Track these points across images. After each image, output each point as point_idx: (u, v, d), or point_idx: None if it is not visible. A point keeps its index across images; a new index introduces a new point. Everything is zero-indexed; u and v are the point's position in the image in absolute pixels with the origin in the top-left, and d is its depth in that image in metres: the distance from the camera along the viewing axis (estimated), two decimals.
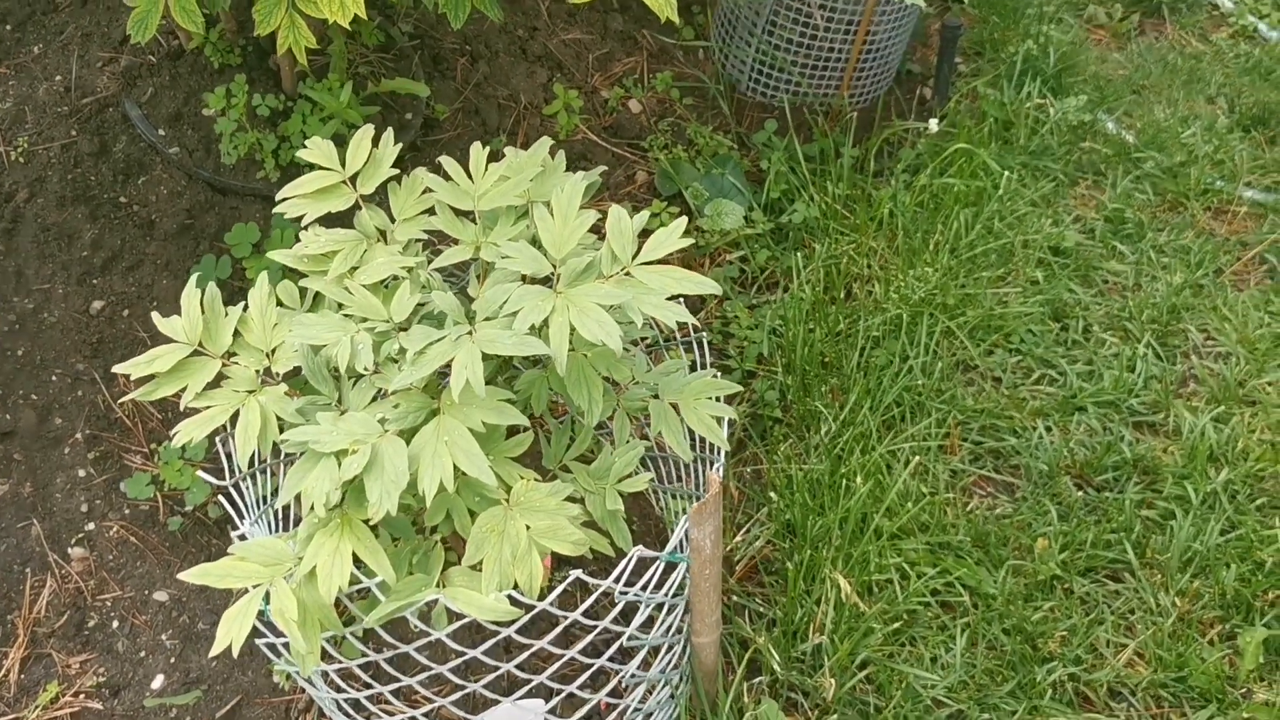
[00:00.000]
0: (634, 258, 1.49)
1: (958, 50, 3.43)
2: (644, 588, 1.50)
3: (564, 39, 3.00)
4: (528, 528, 1.43)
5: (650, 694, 1.77)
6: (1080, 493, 2.27)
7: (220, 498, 1.62)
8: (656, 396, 1.64)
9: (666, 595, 1.57)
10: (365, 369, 1.47)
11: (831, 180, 2.76)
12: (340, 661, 1.50)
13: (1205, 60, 3.56)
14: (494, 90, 2.78)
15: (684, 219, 1.53)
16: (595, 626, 1.49)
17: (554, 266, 1.50)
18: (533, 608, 1.39)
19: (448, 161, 1.65)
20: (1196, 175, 3.04)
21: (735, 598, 2.04)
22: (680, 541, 1.54)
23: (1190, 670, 1.99)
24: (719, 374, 1.73)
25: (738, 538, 2.13)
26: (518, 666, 1.63)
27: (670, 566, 1.61)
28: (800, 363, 2.37)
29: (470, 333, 1.43)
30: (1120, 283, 2.74)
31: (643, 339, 1.93)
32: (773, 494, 2.16)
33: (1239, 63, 3.55)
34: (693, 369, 1.84)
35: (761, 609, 2.02)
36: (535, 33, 2.98)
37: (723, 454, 1.65)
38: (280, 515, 1.76)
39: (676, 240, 1.51)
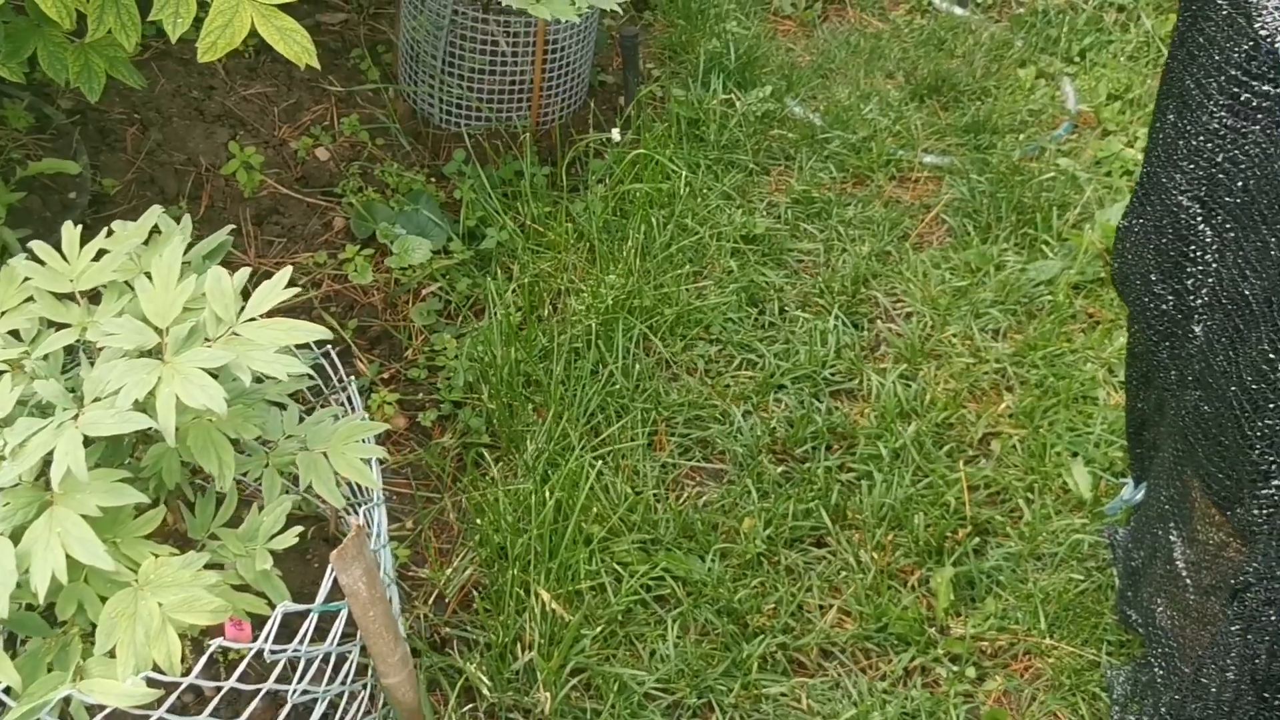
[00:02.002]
0: (241, 316, 1.49)
1: (647, 57, 3.53)
2: (301, 642, 1.49)
3: (245, 95, 2.96)
4: (160, 605, 1.41)
5: None
6: (781, 468, 2.37)
7: None
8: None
9: (333, 645, 1.57)
10: None
11: (524, 201, 2.80)
12: None
13: (885, 38, 3.77)
14: (169, 156, 2.72)
15: (289, 269, 1.54)
16: (278, 690, 1.48)
17: (161, 336, 1.49)
18: (178, 685, 1.37)
19: (38, 245, 1.61)
20: (878, 148, 3.21)
21: (449, 629, 2.06)
22: (337, 589, 1.54)
23: (889, 619, 2.10)
24: (366, 416, 1.74)
25: (448, 569, 2.14)
26: None
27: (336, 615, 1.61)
28: (503, 386, 2.40)
29: (76, 417, 1.40)
30: (812, 261, 2.87)
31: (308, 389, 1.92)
32: (479, 520, 2.18)
33: (915, 36, 3.76)
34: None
35: (475, 636, 2.04)
36: (212, 92, 2.93)
37: (376, 494, 1.66)
38: None
39: (280, 293, 1.51)
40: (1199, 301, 1.41)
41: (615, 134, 3.00)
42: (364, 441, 1.65)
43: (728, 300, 2.69)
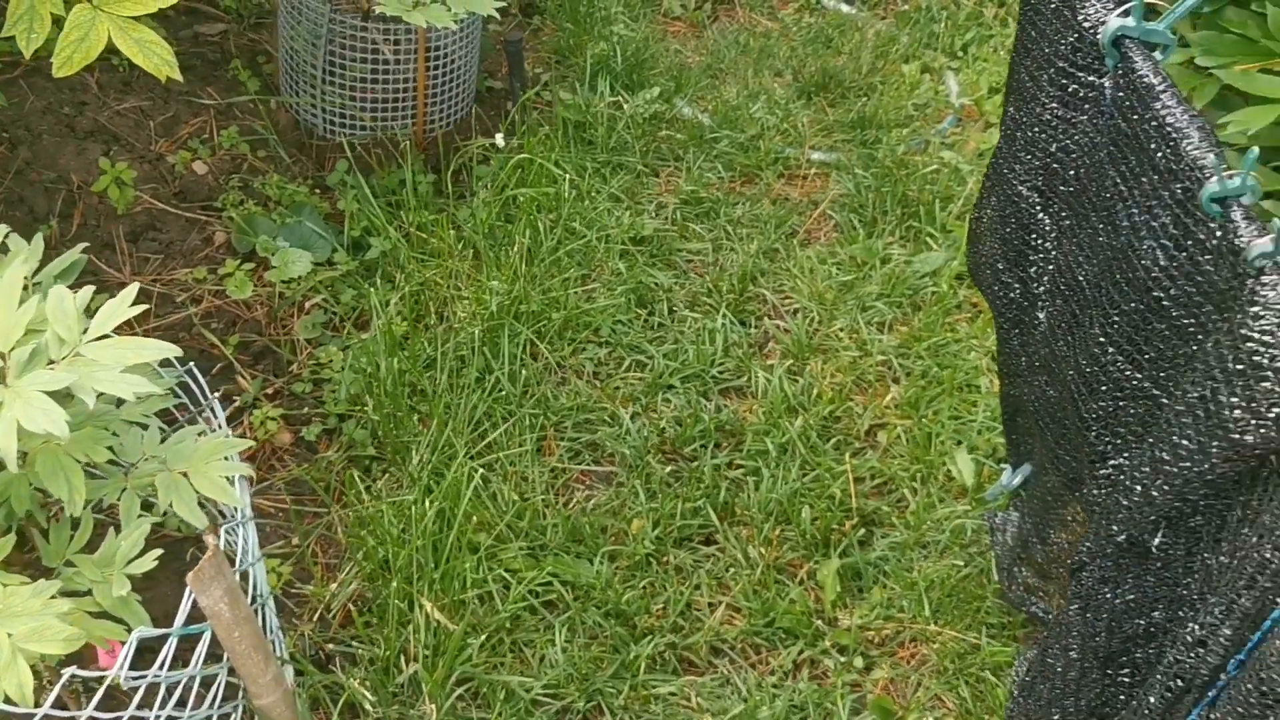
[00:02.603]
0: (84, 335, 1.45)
1: (536, 61, 3.53)
2: (161, 667, 1.46)
3: (118, 109, 2.90)
4: (9, 635, 1.37)
5: None
6: (669, 467, 2.37)
7: None
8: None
9: (196, 669, 1.54)
10: None
11: (408, 209, 2.78)
12: None
13: (774, 37, 3.80)
14: (39, 174, 2.65)
15: (134, 286, 1.50)
16: (139, 718, 1.45)
17: (2, 360, 1.45)
18: (31, 716, 1.34)
19: None
20: (766, 146, 3.24)
21: (332, 645, 2.03)
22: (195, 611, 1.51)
23: (777, 613, 2.12)
24: (230, 433, 1.71)
25: (332, 585, 2.11)
26: None
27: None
28: (387, 397, 2.38)
29: None
30: (701, 260, 2.88)
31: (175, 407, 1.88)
32: (364, 533, 2.16)
33: (804, 34, 3.80)
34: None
35: (360, 651, 2.01)
36: (84, 107, 2.86)
37: (241, 513, 1.63)
38: None
39: (126, 310, 1.48)
40: (1041, 289, 1.44)
41: (499, 139, 2.99)
42: (228, 459, 1.62)
43: (617, 302, 2.69)
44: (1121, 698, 1.25)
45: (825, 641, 2.11)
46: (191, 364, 1.78)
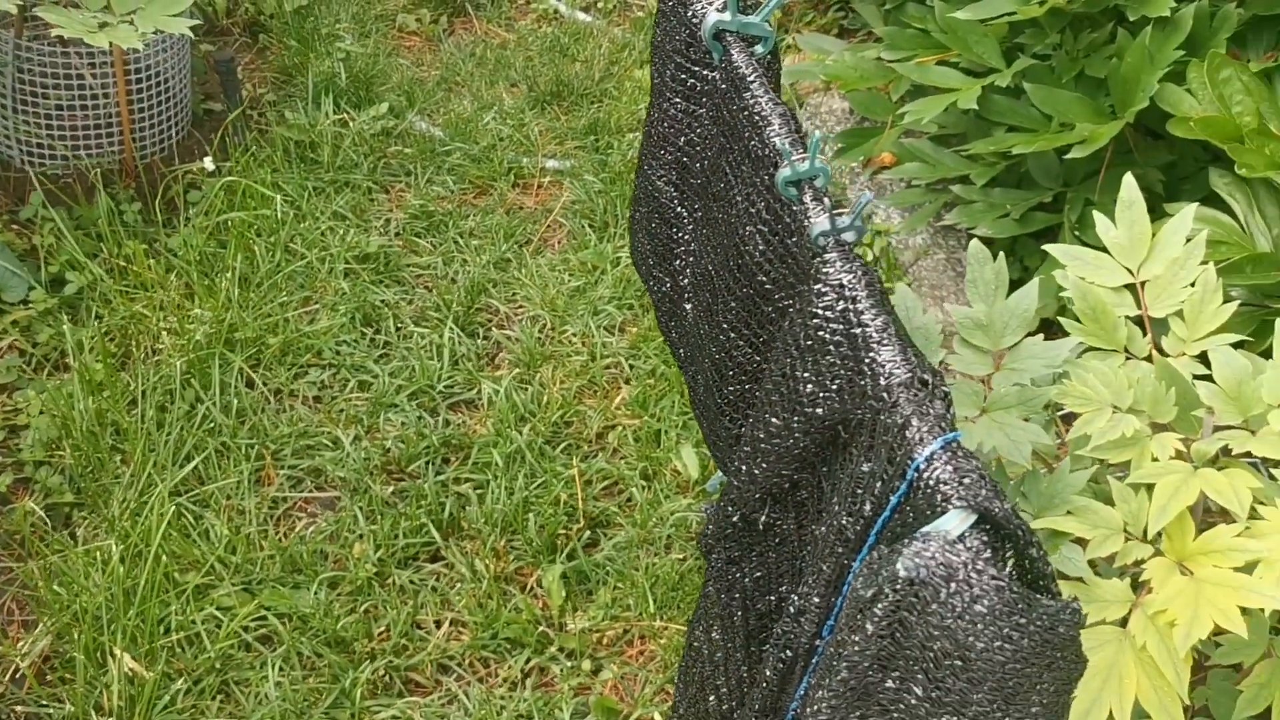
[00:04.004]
0: None
1: (261, 81, 3.42)
2: None
3: None
4: None
5: None
6: (393, 487, 2.33)
7: None
8: None
9: None
10: None
11: (108, 242, 2.65)
12: None
13: (510, 47, 3.80)
14: None
15: None
16: None
17: None
18: None
19: None
20: (499, 157, 3.23)
21: (22, 706, 1.90)
22: None
23: (501, 624, 2.10)
24: None
25: (21, 645, 1.98)
26: None
27: None
28: (85, 439, 2.26)
29: None
30: (431, 275, 2.85)
31: None
32: (57, 587, 2.03)
33: (540, 44, 3.82)
34: None
35: (51, 710, 1.89)
36: None
37: None
38: None
39: None
40: (685, 281, 1.47)
41: (208, 163, 2.88)
42: None
43: (340, 322, 2.63)
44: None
45: (553, 648, 2.11)
46: None
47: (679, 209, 1.46)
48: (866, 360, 0.99)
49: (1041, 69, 2.39)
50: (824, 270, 1.05)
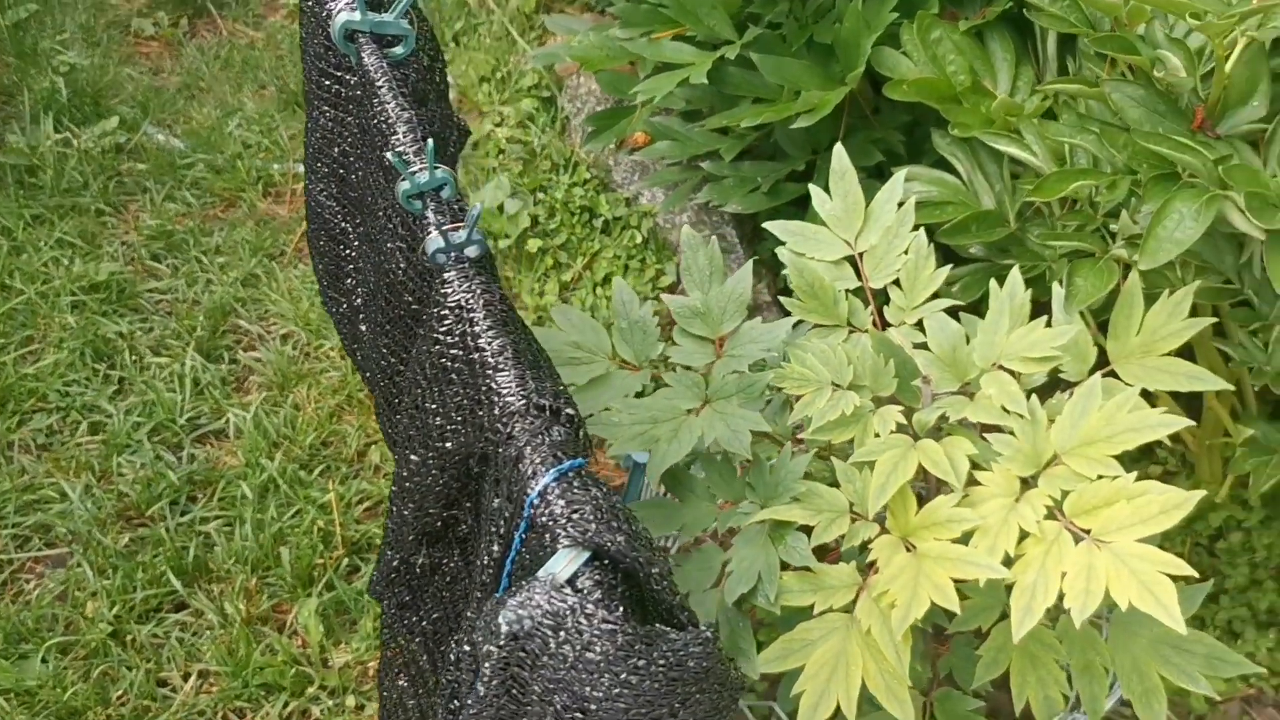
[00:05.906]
0: None
1: None
2: None
3: None
4: None
5: None
6: (129, 535, 2.17)
7: None
8: None
9: None
10: None
11: None
12: None
13: (259, 47, 3.60)
14: None
15: None
16: None
17: None
18: None
19: None
20: (246, 166, 3.05)
21: None
22: None
23: (252, 670, 1.97)
24: None
25: None
26: None
27: None
28: None
29: None
30: (171, 300, 2.67)
31: None
32: None
33: (291, 40, 3.62)
34: None
35: None
36: None
37: None
38: None
39: None
40: (359, 301, 1.37)
41: None
42: None
43: (68, 360, 2.43)
44: None
45: (313, 688, 1.99)
46: None
47: (344, 224, 1.36)
48: (484, 388, 0.91)
49: (773, 38, 2.35)
50: (443, 290, 0.96)
